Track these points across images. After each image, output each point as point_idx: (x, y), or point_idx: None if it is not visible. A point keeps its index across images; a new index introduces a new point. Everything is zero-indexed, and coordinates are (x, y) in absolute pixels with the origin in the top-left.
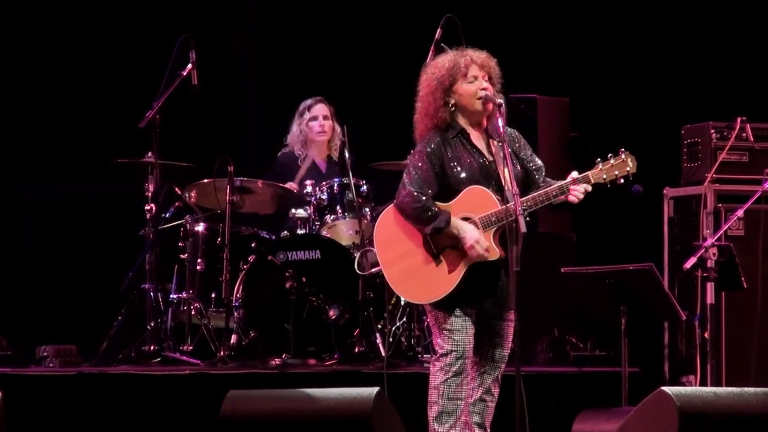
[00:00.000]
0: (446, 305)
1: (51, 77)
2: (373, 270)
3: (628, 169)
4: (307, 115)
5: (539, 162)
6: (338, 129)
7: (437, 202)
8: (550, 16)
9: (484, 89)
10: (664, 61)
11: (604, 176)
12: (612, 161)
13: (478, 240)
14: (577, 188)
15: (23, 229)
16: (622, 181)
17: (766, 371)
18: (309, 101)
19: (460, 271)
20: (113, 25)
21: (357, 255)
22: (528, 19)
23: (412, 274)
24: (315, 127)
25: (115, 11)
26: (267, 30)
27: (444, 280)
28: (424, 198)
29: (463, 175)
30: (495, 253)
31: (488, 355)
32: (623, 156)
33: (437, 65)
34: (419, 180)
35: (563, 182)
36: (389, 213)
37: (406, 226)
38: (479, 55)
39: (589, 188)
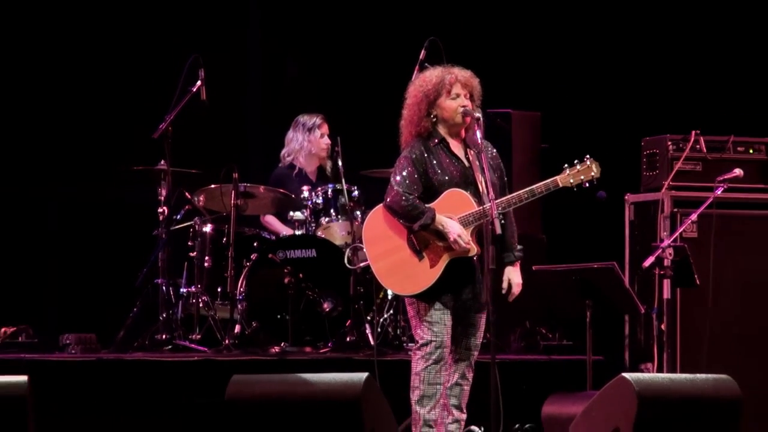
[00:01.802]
0: (427, 298)
1: (76, 96)
2: (361, 264)
3: (592, 174)
4: (317, 132)
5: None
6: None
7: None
8: (525, 38)
9: (464, 106)
10: (627, 79)
11: (571, 180)
12: (578, 167)
13: (460, 234)
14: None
15: (48, 229)
16: (587, 185)
17: (716, 360)
18: (315, 119)
19: (440, 266)
20: (130, 48)
21: (347, 251)
22: (504, 40)
23: (397, 269)
24: (322, 143)
25: (132, 36)
26: (267, 51)
27: (426, 274)
28: (411, 198)
29: (444, 178)
30: (473, 249)
31: (463, 344)
32: (588, 162)
33: (425, 79)
34: (406, 182)
35: (534, 186)
36: (376, 213)
37: (392, 225)
38: (463, 74)
39: None
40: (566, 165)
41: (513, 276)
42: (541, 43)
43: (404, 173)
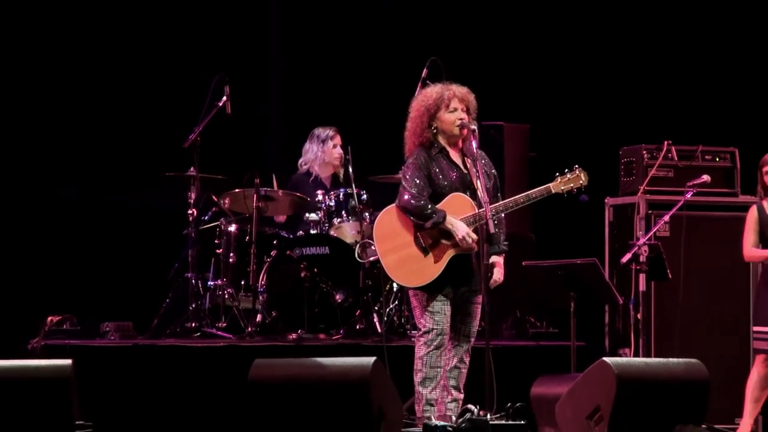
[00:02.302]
0: (430, 290)
1: (117, 111)
2: (370, 258)
3: (581, 181)
4: (330, 143)
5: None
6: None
7: None
8: (516, 59)
9: (461, 119)
10: (606, 95)
11: (562, 187)
12: (569, 175)
13: (468, 233)
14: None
15: (92, 230)
16: (575, 191)
17: (686, 345)
18: (329, 131)
19: (443, 262)
20: (163, 68)
21: (357, 247)
22: (497, 60)
23: (404, 263)
24: (335, 153)
25: (165, 57)
26: (286, 69)
27: (430, 268)
28: (422, 200)
29: (445, 183)
30: (476, 247)
31: (461, 331)
32: (577, 171)
33: (426, 95)
34: (416, 186)
35: (530, 192)
36: (386, 213)
37: (400, 224)
38: (460, 90)
39: None
40: (558, 173)
41: (497, 263)
42: (530, 64)
43: (414, 178)
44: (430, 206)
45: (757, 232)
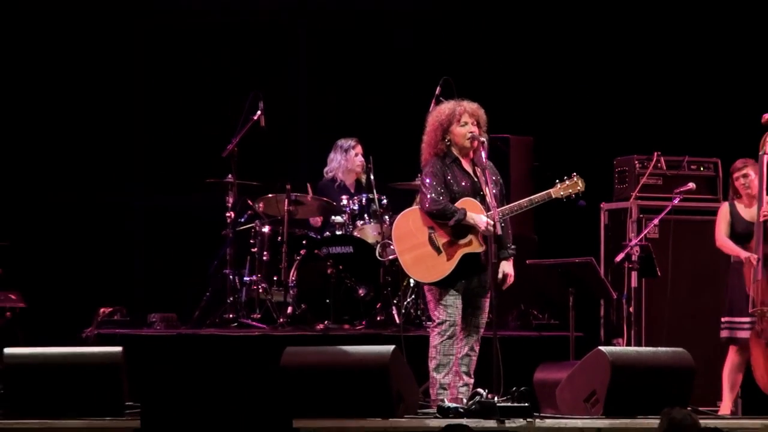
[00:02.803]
0: (443, 285)
1: (165, 125)
2: (390, 257)
3: (579, 188)
4: (352, 152)
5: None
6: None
7: None
8: (520, 79)
9: (471, 132)
10: (601, 111)
11: (562, 193)
12: (567, 182)
13: (489, 222)
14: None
15: (141, 230)
16: (574, 197)
17: (672, 336)
18: (351, 141)
19: (455, 260)
20: (206, 86)
21: (378, 246)
22: (504, 80)
23: (420, 261)
24: (357, 161)
25: (207, 76)
26: (313, 86)
27: (444, 266)
28: (443, 201)
29: (458, 189)
30: (481, 246)
31: (472, 322)
32: (575, 178)
33: (440, 110)
34: (435, 191)
35: (533, 196)
36: (404, 216)
37: (416, 226)
38: (471, 106)
39: None
40: (558, 180)
41: (507, 269)
42: (533, 83)
43: (433, 184)
44: (451, 206)
45: (729, 223)
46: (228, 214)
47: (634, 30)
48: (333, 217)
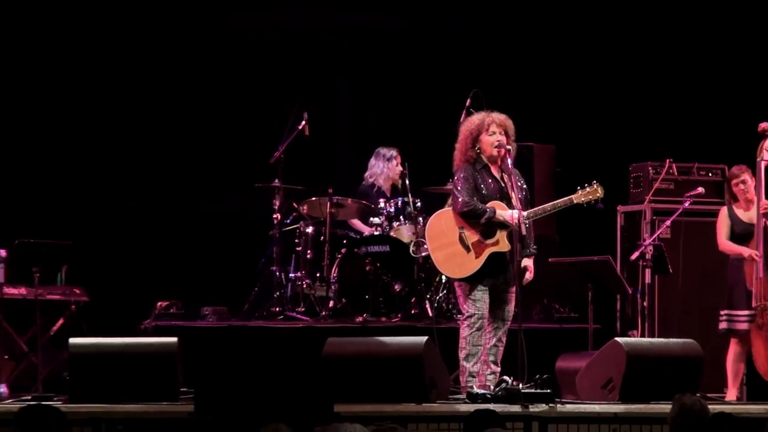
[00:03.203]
0: (472, 281)
1: (219, 135)
2: (423, 255)
3: (598, 194)
4: (393, 162)
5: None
6: None
7: None
8: (543, 92)
9: (498, 140)
10: (618, 120)
11: (582, 199)
12: (588, 189)
13: (515, 216)
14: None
15: (196, 231)
16: (593, 202)
17: (683, 328)
18: (392, 151)
19: (483, 258)
20: (253, 99)
21: (412, 245)
22: (528, 93)
23: (451, 258)
24: (397, 170)
25: (253, 90)
26: (353, 98)
27: (472, 263)
28: (474, 202)
29: (486, 193)
30: (507, 246)
31: (499, 316)
32: (595, 185)
33: (471, 121)
34: (467, 193)
35: (556, 201)
36: (436, 217)
37: (447, 226)
38: (499, 117)
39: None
40: (579, 187)
41: (528, 266)
42: (555, 96)
43: (465, 187)
44: (481, 206)
45: (729, 226)
46: (275, 216)
47: (648, 49)
48: (371, 219)
